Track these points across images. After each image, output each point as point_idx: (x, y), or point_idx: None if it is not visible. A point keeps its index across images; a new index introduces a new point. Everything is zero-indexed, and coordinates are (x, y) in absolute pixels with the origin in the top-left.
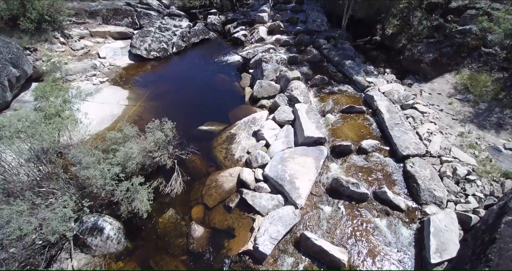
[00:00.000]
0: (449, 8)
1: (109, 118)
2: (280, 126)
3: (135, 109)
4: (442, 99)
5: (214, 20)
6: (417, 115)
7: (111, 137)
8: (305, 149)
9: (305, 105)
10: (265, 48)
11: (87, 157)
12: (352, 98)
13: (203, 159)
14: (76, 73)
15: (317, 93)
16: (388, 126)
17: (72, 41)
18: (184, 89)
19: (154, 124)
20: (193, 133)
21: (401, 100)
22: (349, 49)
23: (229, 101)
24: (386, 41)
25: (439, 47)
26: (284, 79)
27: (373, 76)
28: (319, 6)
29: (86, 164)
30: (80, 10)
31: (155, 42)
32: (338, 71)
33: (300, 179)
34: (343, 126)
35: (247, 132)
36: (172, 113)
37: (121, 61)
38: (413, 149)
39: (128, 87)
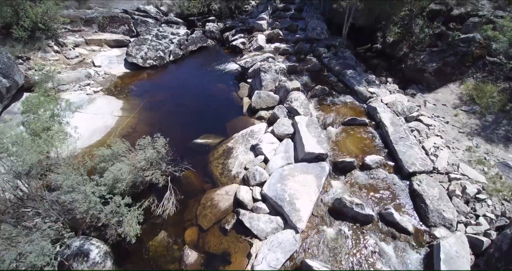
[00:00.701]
0: (451, 16)
1: (102, 130)
2: (279, 140)
3: (129, 120)
4: (447, 111)
5: (212, 28)
6: (422, 128)
7: (99, 155)
8: (306, 166)
9: (305, 118)
10: (263, 56)
11: (68, 180)
12: (354, 110)
13: (199, 175)
14: (70, 82)
15: (318, 104)
16: (393, 140)
17: (67, 49)
18: (180, 98)
19: (145, 141)
20: (188, 146)
21: (405, 112)
22: (350, 57)
23: (227, 112)
24: (387, 49)
25: (443, 56)
26: (283, 89)
27: (375, 86)
28: (318, 14)
29: (67, 188)
30: (76, 18)
31: (152, 50)
32: (339, 80)
33: (301, 199)
34: (345, 140)
35: (245, 146)
36: (167, 125)
37: (117, 70)
38: (420, 166)
39: (122, 97)
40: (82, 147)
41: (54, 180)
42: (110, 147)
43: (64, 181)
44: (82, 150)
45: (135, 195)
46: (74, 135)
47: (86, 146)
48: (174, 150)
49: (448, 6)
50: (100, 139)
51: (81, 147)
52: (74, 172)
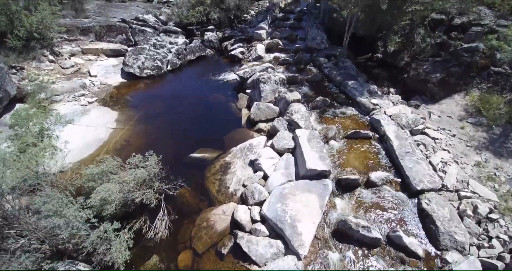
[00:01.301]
0: (453, 25)
1: (95, 144)
2: (279, 155)
3: (123, 133)
4: (453, 123)
5: (211, 37)
6: (428, 142)
7: (87, 173)
8: (308, 184)
9: (307, 131)
10: (263, 67)
11: (49, 204)
12: (357, 122)
13: (194, 193)
14: (64, 93)
15: (319, 116)
16: (398, 155)
17: (62, 59)
18: (177, 110)
19: (137, 159)
20: (184, 161)
21: (410, 124)
22: (351, 67)
23: (225, 123)
24: (388, 59)
25: (447, 66)
26: (283, 101)
27: (378, 97)
28: (318, 23)
29: (47, 212)
30: (72, 27)
31: (149, 60)
32: (340, 91)
33: (303, 222)
34: (348, 154)
35: (243, 161)
36: (162, 137)
37: (113, 80)
38: (428, 183)
39: (117, 108)
40: (74, 161)
41: (31, 204)
42: (99, 164)
43: (43, 205)
44: (73, 164)
45: (126, 214)
46: (64, 150)
47: (78, 160)
48: (168, 165)
49: (450, 15)
50: (93, 153)
51: (73, 162)
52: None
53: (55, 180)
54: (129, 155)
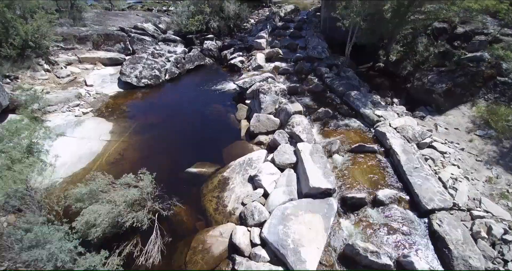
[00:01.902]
0: (455, 34)
1: (87, 157)
2: (280, 170)
3: (118, 145)
4: (461, 135)
5: (210, 46)
6: (436, 156)
7: (75, 193)
8: (311, 203)
9: (309, 145)
10: (263, 77)
11: (31, 233)
12: (361, 135)
13: (190, 211)
14: (58, 103)
15: (322, 129)
16: (406, 171)
17: (58, 68)
18: (174, 121)
19: (128, 179)
20: (180, 176)
21: (417, 137)
22: (353, 77)
23: (223, 136)
24: (391, 68)
25: (452, 76)
26: (284, 112)
27: (382, 108)
28: (318, 32)
29: (29, 243)
30: (69, 36)
31: (147, 69)
32: (343, 102)
33: (307, 247)
34: (353, 170)
35: (242, 177)
36: (158, 150)
37: (109, 89)
38: (439, 202)
39: (113, 119)
40: (65, 176)
41: (13, 235)
42: (88, 183)
43: (25, 235)
44: (65, 179)
45: (117, 235)
46: (54, 164)
47: (69, 175)
48: (163, 182)
49: (452, 24)
50: (85, 167)
51: (64, 176)
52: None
53: (42, 199)
54: (122, 169)
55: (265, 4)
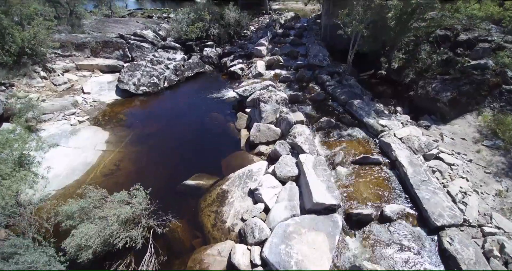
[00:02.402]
0: (458, 41)
1: (82, 168)
2: (281, 183)
3: (113, 156)
4: (468, 146)
5: (210, 53)
6: (444, 168)
7: (65, 211)
8: (315, 220)
9: (312, 157)
10: (263, 84)
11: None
12: (365, 146)
13: (187, 227)
14: (54, 111)
15: (324, 139)
16: (413, 185)
17: (55, 75)
18: (172, 130)
19: (121, 196)
20: (177, 189)
21: (423, 148)
22: (355, 85)
23: (223, 146)
24: (393, 75)
25: (457, 85)
26: (285, 122)
27: (385, 117)
28: (319, 40)
29: None
30: (67, 42)
31: (145, 76)
32: (345, 111)
33: (311, 269)
34: (357, 183)
35: (242, 190)
36: (155, 161)
37: (107, 97)
38: (448, 217)
39: (109, 128)
40: (58, 188)
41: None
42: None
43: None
44: (58, 192)
45: (109, 254)
46: (46, 177)
47: (63, 187)
48: (159, 195)
49: (455, 31)
50: (79, 179)
51: (57, 188)
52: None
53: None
54: (117, 181)
55: (265, 11)
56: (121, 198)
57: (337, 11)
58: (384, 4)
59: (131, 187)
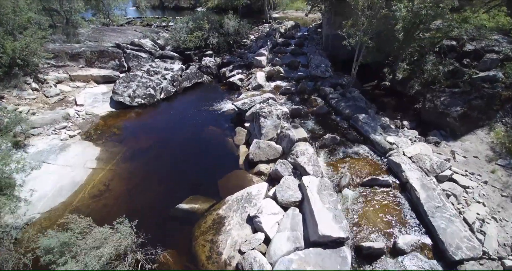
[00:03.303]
0: (465, 51)
1: (69, 188)
2: (283, 209)
3: (104, 174)
4: (482, 165)
5: (209, 63)
6: (459, 192)
7: (44, 245)
8: (321, 255)
9: (316, 180)
10: (263, 97)
11: None
12: (373, 165)
13: (179, 260)
14: (44, 125)
15: (328, 157)
16: (427, 212)
17: (47, 86)
18: (167, 145)
19: (103, 233)
20: (170, 214)
21: (435, 169)
22: (359, 98)
23: (220, 163)
24: (397, 87)
25: (468, 98)
26: (287, 139)
27: (393, 133)
28: (320, 49)
29: None
30: (61, 52)
31: (141, 87)
32: (350, 126)
33: None
34: (366, 208)
35: (240, 216)
36: (147, 181)
37: (101, 109)
38: (467, 250)
39: (101, 143)
40: (43, 211)
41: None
42: (59, 233)
43: None
44: (42, 215)
45: None
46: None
47: (48, 210)
48: (150, 221)
49: (461, 41)
50: (65, 201)
51: (42, 211)
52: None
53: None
54: (105, 204)
55: (266, 20)
56: (103, 235)
57: (339, 21)
58: (390, 14)
59: (120, 211)
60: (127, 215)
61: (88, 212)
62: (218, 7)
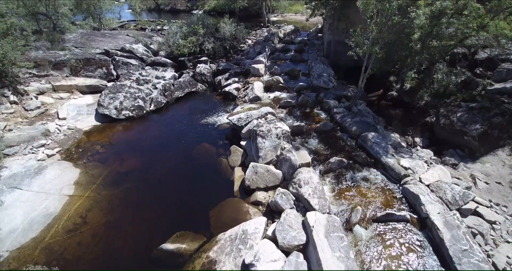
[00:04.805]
0: (477, 60)
1: (42, 220)
2: (284, 253)
3: (81, 203)
4: (506, 194)
5: (203, 70)
6: (485, 229)
7: None
8: None
9: (323, 218)
10: (260, 112)
11: None
12: (386, 195)
13: None
14: (21, 143)
15: (335, 184)
16: (453, 257)
17: (27, 98)
18: (154, 167)
19: None
20: (152, 256)
21: (457, 200)
22: (366, 112)
23: (212, 189)
24: (405, 97)
25: (487, 116)
26: (288, 164)
27: (406, 154)
28: (322, 56)
29: None
30: (43, 61)
31: (129, 98)
32: (358, 146)
33: None
34: (382, 252)
35: (234, 261)
36: (129, 212)
37: (85, 123)
38: None
39: (82, 164)
40: (13, 249)
41: None
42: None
43: None
44: (11, 253)
45: None
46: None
47: (18, 247)
48: (130, 267)
49: (472, 49)
50: (37, 236)
51: (11, 249)
52: None
53: None
54: (81, 242)
55: (264, 24)
56: None
57: (342, 26)
58: (404, 22)
59: (97, 251)
60: (104, 257)
61: (61, 251)
62: (215, 10)
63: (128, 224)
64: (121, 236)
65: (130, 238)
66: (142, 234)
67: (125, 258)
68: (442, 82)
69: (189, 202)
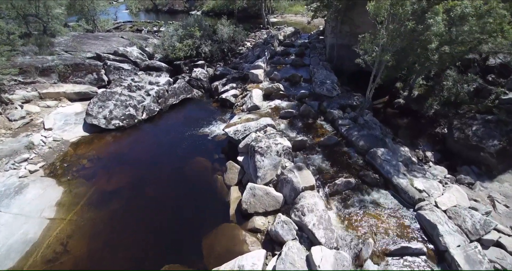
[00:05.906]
0: (488, 66)
1: (20, 248)
2: None
3: (63, 228)
4: None
5: (200, 75)
6: (509, 265)
7: None
8: None
9: (330, 256)
10: (259, 124)
11: None
12: (399, 223)
13: None
14: (3, 157)
15: (342, 209)
16: None
17: (12, 107)
18: (143, 185)
19: None
20: None
21: (478, 230)
22: (373, 123)
23: (206, 212)
24: (413, 105)
25: (505, 130)
26: (289, 186)
27: (419, 173)
28: (324, 61)
29: None
30: (30, 67)
31: (120, 107)
32: (366, 162)
33: None
34: None
35: None
36: (115, 239)
37: (72, 134)
38: None
39: (65, 181)
40: None
41: None
42: None
43: None
44: None
45: None
46: None
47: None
48: None
49: (483, 55)
50: (15, 266)
51: None
52: None
53: None
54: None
55: (263, 25)
56: None
57: (346, 29)
58: (419, 28)
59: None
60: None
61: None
62: (214, 10)
63: (112, 254)
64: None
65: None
66: (128, 265)
67: None
68: (452, 89)
69: (181, 227)
